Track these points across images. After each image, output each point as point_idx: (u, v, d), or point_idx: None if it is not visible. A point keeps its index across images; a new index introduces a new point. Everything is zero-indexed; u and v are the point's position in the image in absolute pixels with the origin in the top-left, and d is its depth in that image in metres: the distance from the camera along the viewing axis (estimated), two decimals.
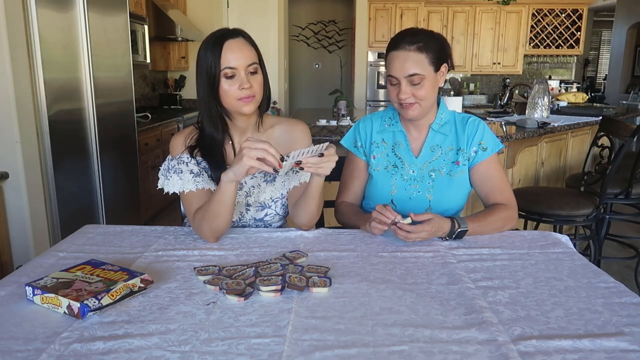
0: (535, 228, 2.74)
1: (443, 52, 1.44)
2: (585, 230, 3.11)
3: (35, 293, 0.98)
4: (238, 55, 1.29)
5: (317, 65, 8.43)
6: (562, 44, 6.98)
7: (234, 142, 1.43)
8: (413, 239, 1.30)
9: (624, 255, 3.25)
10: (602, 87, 9.30)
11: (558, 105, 4.44)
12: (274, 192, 1.46)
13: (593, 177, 2.54)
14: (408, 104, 1.43)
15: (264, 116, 1.46)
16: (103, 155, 3.04)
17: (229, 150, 1.43)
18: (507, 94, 4.55)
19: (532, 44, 6.97)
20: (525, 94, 5.20)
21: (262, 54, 1.37)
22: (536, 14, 6.86)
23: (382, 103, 6.88)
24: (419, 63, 1.39)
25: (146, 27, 4.28)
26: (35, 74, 2.50)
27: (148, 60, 4.44)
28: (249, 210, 1.47)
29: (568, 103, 4.78)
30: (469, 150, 1.51)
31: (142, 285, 1.03)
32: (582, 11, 6.87)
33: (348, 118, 3.58)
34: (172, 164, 1.39)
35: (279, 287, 1.02)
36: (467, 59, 6.97)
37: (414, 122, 1.52)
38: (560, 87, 6.54)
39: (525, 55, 7.10)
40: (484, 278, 1.11)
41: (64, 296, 0.94)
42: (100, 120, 3.00)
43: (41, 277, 1.03)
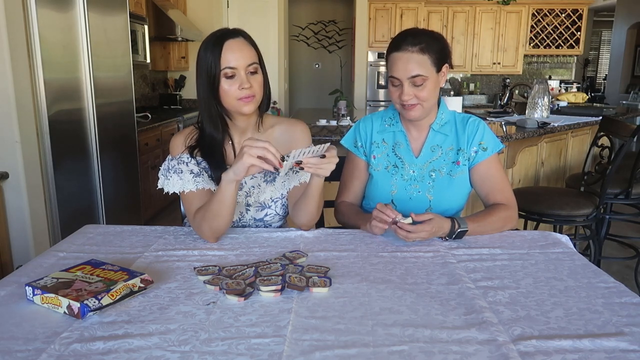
0: (535, 228, 2.74)
1: (444, 52, 1.44)
2: (585, 230, 3.11)
3: (35, 293, 0.98)
4: (238, 55, 1.29)
5: (317, 65, 8.43)
6: (562, 44, 6.99)
7: (234, 142, 1.43)
8: (413, 238, 1.30)
9: (624, 255, 3.25)
10: (602, 87, 9.30)
11: (558, 105, 4.44)
12: (274, 192, 1.46)
13: (593, 177, 2.54)
14: (410, 105, 1.43)
15: (264, 116, 1.46)
16: (103, 155, 3.04)
17: (229, 151, 1.43)
18: (507, 94, 4.55)
19: (532, 44, 6.97)
20: (525, 94, 5.21)
21: (262, 54, 1.37)
22: (536, 14, 6.86)
23: (382, 103, 6.88)
24: (421, 64, 1.39)
25: (146, 27, 4.28)
26: (35, 74, 2.50)
27: (148, 60, 4.44)
28: (249, 210, 1.47)
29: (568, 103, 4.78)
30: (469, 150, 1.51)
31: (142, 285, 1.03)
32: (582, 11, 6.87)
33: (348, 118, 3.58)
34: (172, 164, 1.39)
35: (279, 287, 1.02)
36: (467, 59, 6.97)
37: (414, 122, 1.52)
38: (560, 87, 6.54)
39: (525, 55, 7.10)
40: (484, 278, 1.11)
41: (64, 296, 0.94)
42: (100, 120, 3.00)
43: (41, 277, 1.03)
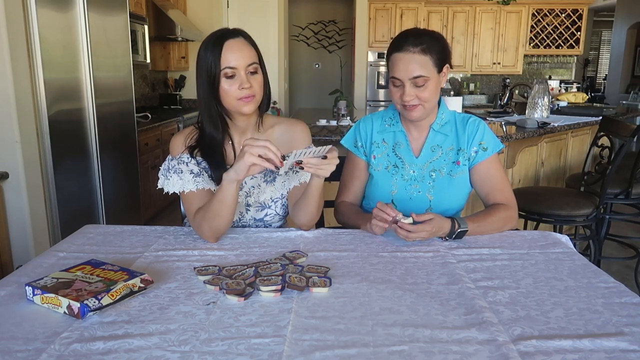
0: (535, 228, 2.74)
1: (445, 53, 1.44)
2: (585, 230, 3.11)
3: (35, 293, 0.98)
4: (238, 55, 1.29)
5: (317, 65, 8.43)
6: (562, 44, 6.99)
7: (234, 142, 1.43)
8: (413, 238, 1.30)
9: (624, 255, 3.25)
10: (602, 87, 9.30)
11: (558, 105, 4.44)
12: (274, 192, 1.46)
13: (593, 177, 2.54)
14: (412, 106, 1.43)
15: (264, 116, 1.46)
16: (103, 155, 3.04)
17: (229, 151, 1.43)
18: (507, 94, 4.55)
19: (532, 44, 6.97)
20: (525, 94, 5.21)
21: (262, 54, 1.37)
22: (536, 14, 6.86)
23: (382, 103, 6.88)
24: (423, 65, 1.39)
25: (146, 27, 4.28)
26: (35, 74, 2.50)
27: (148, 60, 4.44)
28: (249, 211, 1.47)
29: (568, 103, 4.78)
30: (470, 150, 1.51)
31: (142, 285, 1.03)
32: (582, 11, 6.87)
33: (348, 118, 3.58)
34: (172, 164, 1.39)
35: (279, 287, 1.02)
36: (467, 59, 6.97)
37: (414, 122, 1.52)
38: (560, 87, 6.54)
39: (525, 55, 7.10)
40: (484, 278, 1.11)
41: (64, 296, 0.94)
42: (100, 120, 3.00)
43: (41, 277, 1.03)
